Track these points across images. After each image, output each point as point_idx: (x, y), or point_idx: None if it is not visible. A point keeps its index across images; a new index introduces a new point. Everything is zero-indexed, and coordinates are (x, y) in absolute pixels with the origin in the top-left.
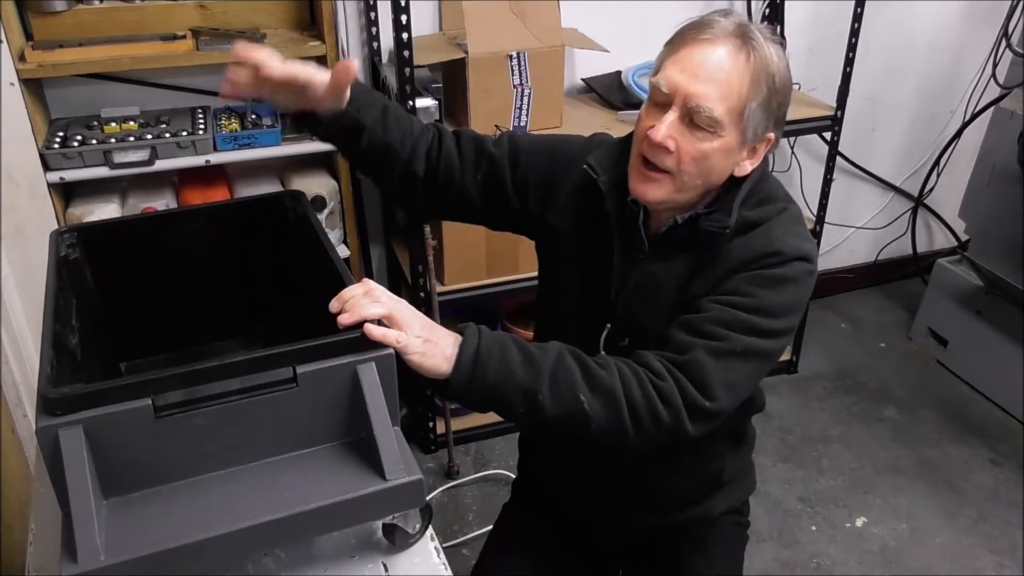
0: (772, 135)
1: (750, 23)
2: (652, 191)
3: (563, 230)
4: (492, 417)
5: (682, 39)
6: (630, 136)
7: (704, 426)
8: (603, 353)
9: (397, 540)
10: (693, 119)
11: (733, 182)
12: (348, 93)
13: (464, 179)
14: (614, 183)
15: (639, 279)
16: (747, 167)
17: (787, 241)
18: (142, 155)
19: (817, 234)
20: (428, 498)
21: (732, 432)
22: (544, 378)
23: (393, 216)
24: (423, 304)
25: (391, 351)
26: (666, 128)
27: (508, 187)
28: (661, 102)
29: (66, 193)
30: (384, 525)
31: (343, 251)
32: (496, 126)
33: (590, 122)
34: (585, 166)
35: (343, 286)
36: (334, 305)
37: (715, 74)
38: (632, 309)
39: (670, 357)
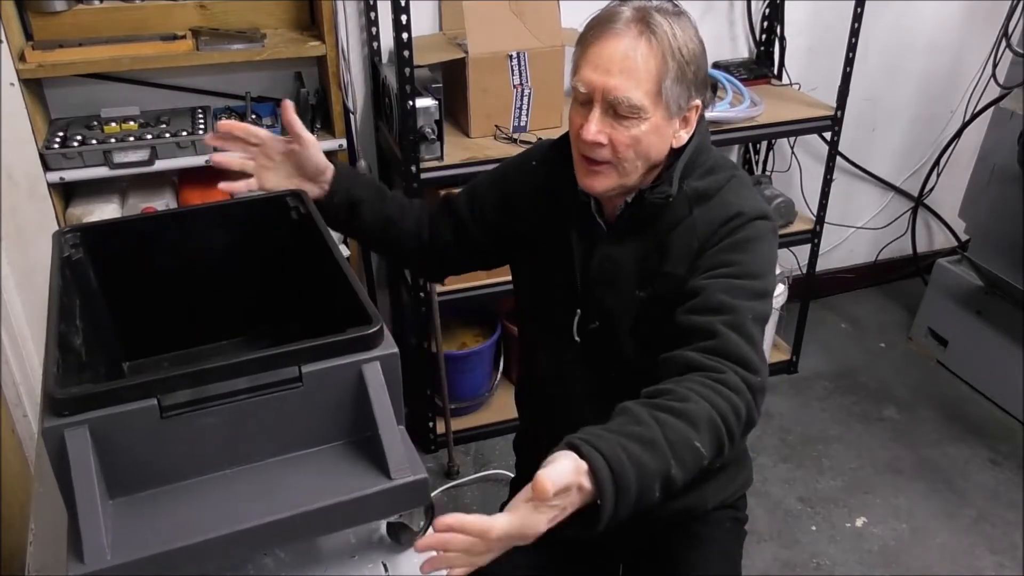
0: (698, 101)
1: (648, 4)
2: (598, 183)
3: (527, 234)
4: (492, 417)
5: (588, 38)
6: (568, 134)
7: (761, 402)
8: (577, 339)
9: (403, 539)
10: (617, 110)
11: (675, 154)
12: (328, 174)
13: (447, 237)
14: (561, 178)
15: (599, 264)
16: (683, 136)
17: (744, 203)
18: (142, 155)
19: (817, 234)
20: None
21: None
22: (666, 452)
23: None
24: (423, 304)
25: (395, 351)
26: (595, 125)
27: (469, 225)
28: (584, 101)
29: (66, 193)
30: (388, 524)
31: (344, 251)
32: (496, 126)
33: None
34: (533, 163)
35: (347, 285)
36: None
37: (624, 65)
38: (597, 293)
39: (703, 346)
